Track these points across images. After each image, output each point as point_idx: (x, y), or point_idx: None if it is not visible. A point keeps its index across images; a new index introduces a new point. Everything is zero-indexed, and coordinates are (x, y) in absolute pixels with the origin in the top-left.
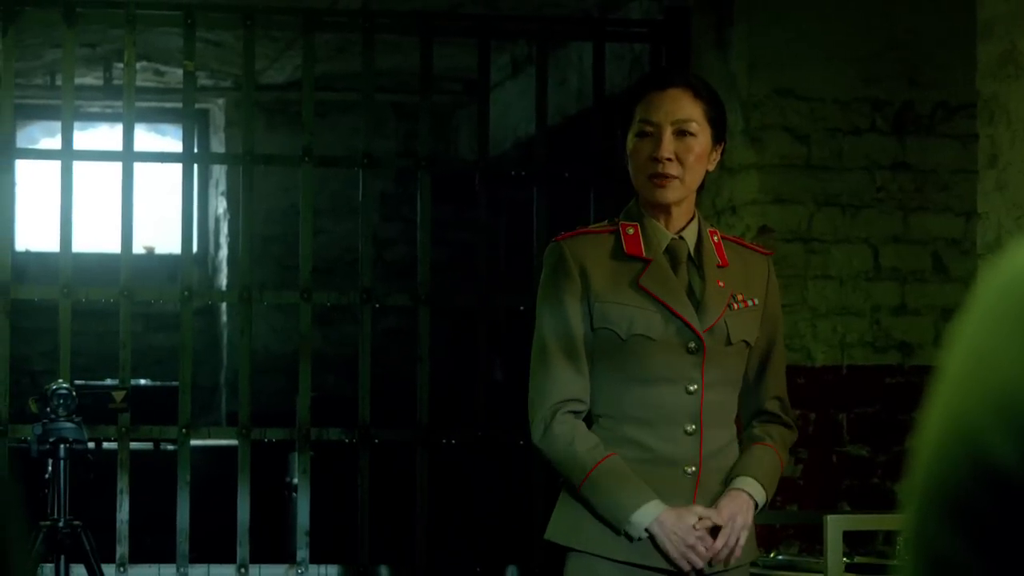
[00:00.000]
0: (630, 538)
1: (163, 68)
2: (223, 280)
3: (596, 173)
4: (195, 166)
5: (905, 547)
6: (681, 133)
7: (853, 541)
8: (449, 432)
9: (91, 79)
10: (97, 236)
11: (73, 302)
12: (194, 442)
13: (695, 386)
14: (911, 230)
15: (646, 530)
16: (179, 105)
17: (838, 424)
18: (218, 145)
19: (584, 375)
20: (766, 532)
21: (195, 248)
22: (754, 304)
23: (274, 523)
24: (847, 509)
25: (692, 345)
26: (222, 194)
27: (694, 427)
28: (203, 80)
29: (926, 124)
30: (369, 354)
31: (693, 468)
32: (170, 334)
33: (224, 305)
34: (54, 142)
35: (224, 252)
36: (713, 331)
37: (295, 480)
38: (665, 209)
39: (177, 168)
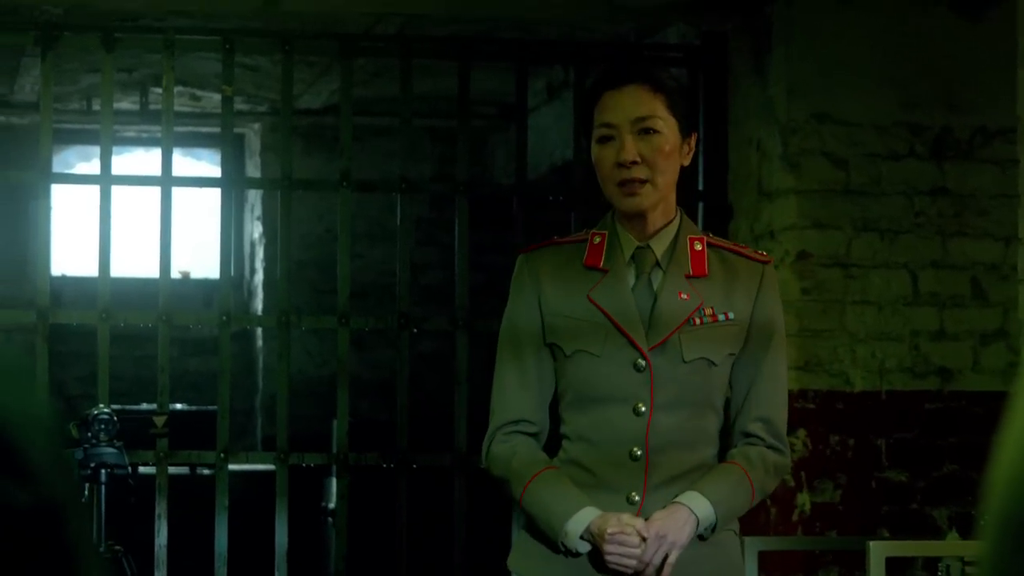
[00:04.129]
0: (569, 552)
1: (199, 92)
2: (259, 304)
3: None
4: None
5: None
6: (644, 132)
7: (892, 567)
8: None
9: (127, 104)
10: (131, 260)
11: (111, 327)
12: (230, 467)
13: (644, 407)
14: (950, 255)
15: (582, 538)
16: (215, 129)
17: (877, 449)
18: (253, 170)
19: (535, 392)
20: (806, 558)
21: (231, 272)
22: (727, 319)
23: (311, 548)
24: (886, 535)
25: (640, 363)
26: (258, 218)
27: (640, 451)
28: (239, 105)
29: (965, 149)
30: (407, 379)
31: (637, 496)
32: (205, 358)
33: (259, 329)
34: (89, 166)
35: (260, 276)
36: (664, 348)
37: (331, 505)
38: (640, 216)
39: (211, 192)
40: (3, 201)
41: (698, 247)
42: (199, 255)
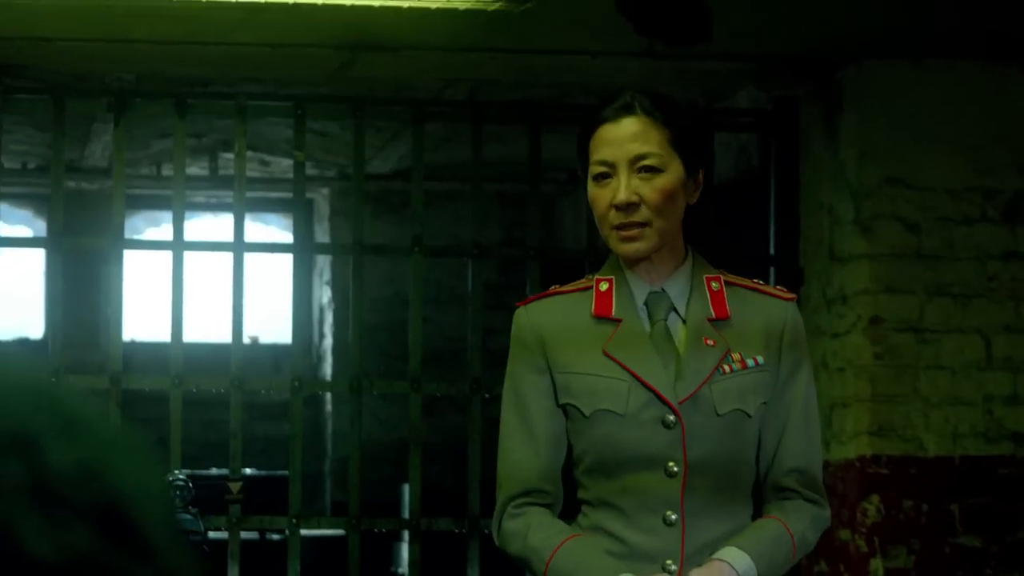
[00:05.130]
0: None
1: (268, 158)
2: (327, 369)
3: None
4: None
5: None
6: (645, 170)
7: None
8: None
9: (196, 169)
10: (199, 325)
11: (183, 392)
12: (301, 532)
13: (677, 467)
14: (1023, 319)
15: None
16: (283, 194)
17: (950, 515)
18: (322, 234)
19: (546, 458)
20: None
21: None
22: (757, 364)
23: None
24: None
25: (669, 419)
26: (327, 283)
27: (676, 516)
28: (308, 170)
29: None
30: (479, 444)
31: (674, 565)
32: (274, 423)
33: (328, 394)
34: (158, 231)
35: (328, 341)
36: (694, 401)
37: (401, 570)
38: (646, 259)
39: (278, 257)
40: (74, 266)
41: (715, 287)
42: (267, 320)
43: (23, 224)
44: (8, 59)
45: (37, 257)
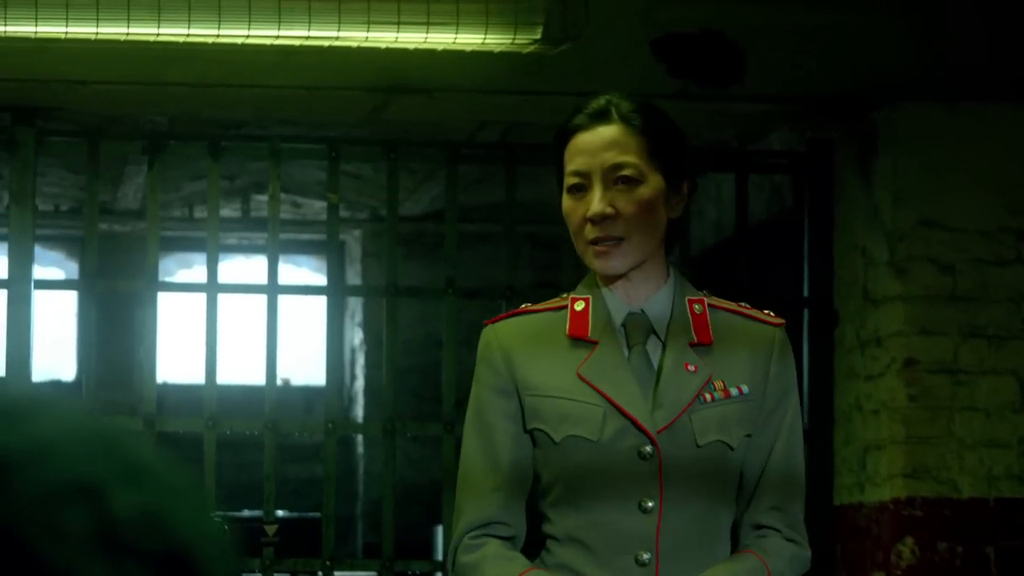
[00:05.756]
0: None
1: (300, 200)
2: (359, 411)
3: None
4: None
5: None
6: (621, 181)
7: None
8: None
9: (228, 211)
10: (230, 367)
11: (217, 434)
12: (335, 574)
13: (652, 503)
14: None
15: None
16: (314, 236)
17: (985, 557)
18: (354, 276)
19: (508, 488)
20: None
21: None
22: (741, 393)
23: None
24: None
25: (646, 450)
26: (358, 325)
27: (649, 556)
28: (340, 212)
29: None
30: None
31: None
32: (304, 465)
33: (360, 436)
34: (190, 273)
35: (360, 383)
36: (672, 431)
37: None
38: (622, 278)
39: (309, 299)
40: (107, 308)
41: (698, 309)
42: (298, 362)
43: (55, 266)
44: (43, 102)
45: (68, 299)
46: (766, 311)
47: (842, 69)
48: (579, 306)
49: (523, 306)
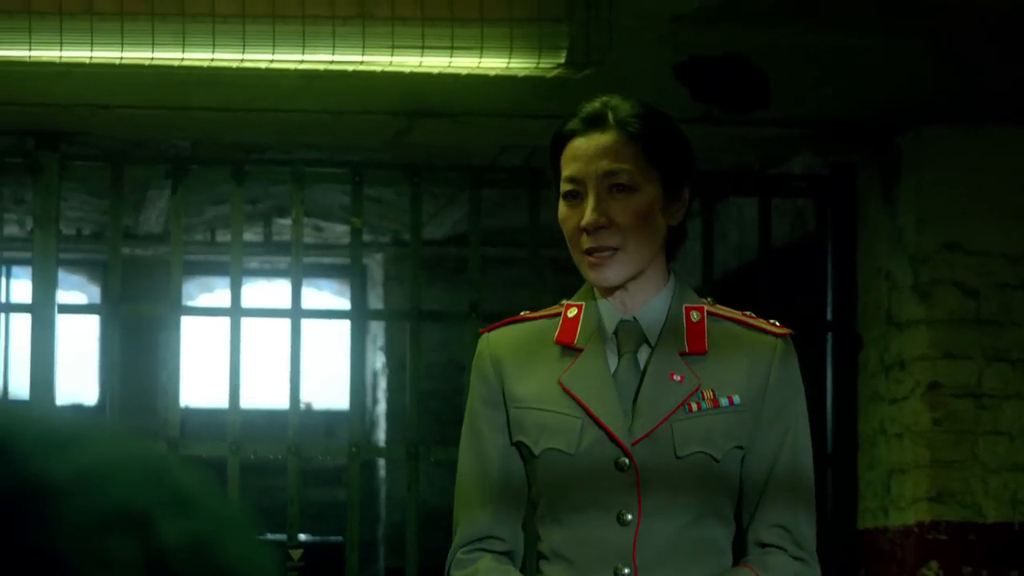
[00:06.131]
0: None
1: (322, 223)
2: (380, 435)
3: None
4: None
5: None
6: (616, 188)
7: None
8: None
9: (250, 235)
10: (252, 391)
11: (240, 458)
12: None
13: (631, 515)
14: None
15: None
16: (336, 260)
17: None
18: (376, 300)
19: (500, 502)
20: None
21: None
22: (732, 403)
23: None
24: None
25: (622, 461)
26: (380, 349)
27: (629, 571)
28: (362, 236)
29: None
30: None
31: None
32: (327, 489)
33: (382, 460)
34: (212, 297)
35: (382, 407)
36: (651, 441)
37: None
38: (618, 286)
39: (330, 323)
40: (130, 332)
41: (695, 318)
42: (320, 386)
43: (77, 290)
44: (66, 126)
45: (90, 323)
46: (772, 321)
47: (865, 94)
48: (572, 313)
49: (521, 313)
